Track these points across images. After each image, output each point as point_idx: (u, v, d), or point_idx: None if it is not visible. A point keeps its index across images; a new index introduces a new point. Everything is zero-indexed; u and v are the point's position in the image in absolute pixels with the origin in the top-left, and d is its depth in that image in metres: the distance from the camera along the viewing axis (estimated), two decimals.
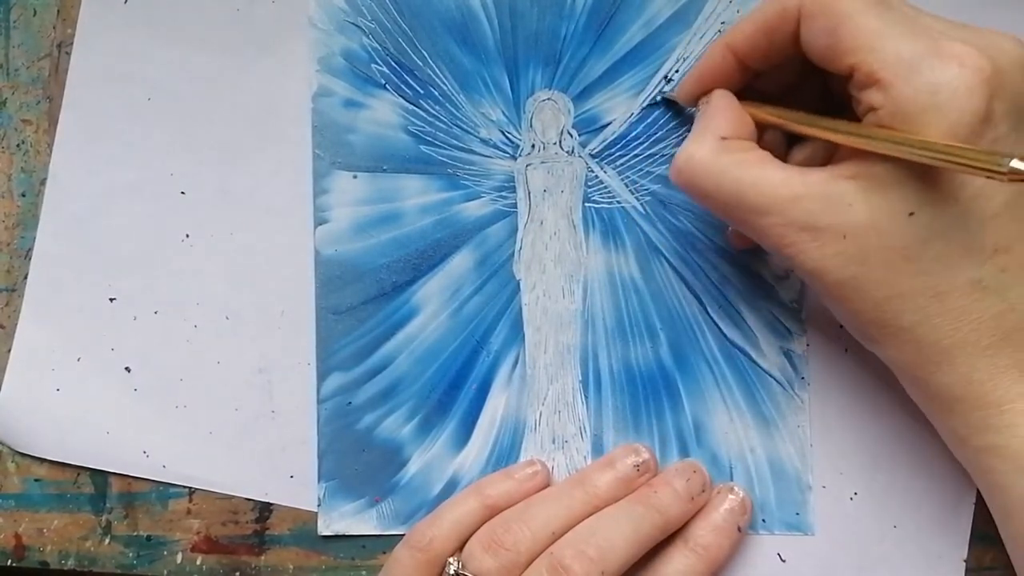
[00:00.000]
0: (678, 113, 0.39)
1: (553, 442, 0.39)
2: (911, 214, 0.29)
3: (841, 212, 0.30)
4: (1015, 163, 0.25)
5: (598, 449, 0.39)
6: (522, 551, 0.34)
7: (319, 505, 0.40)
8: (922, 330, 0.30)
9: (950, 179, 0.29)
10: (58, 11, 0.41)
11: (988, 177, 0.26)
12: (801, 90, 0.35)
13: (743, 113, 0.33)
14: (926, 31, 0.29)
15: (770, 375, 0.39)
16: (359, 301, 0.40)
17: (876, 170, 0.29)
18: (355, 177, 0.40)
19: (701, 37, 0.39)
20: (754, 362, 0.39)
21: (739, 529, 0.37)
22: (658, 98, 0.39)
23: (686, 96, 0.36)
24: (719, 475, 0.38)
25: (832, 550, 0.38)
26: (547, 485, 0.38)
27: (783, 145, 0.35)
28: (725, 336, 0.39)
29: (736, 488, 0.37)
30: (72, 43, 0.41)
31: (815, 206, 0.30)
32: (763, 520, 0.38)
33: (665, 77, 0.39)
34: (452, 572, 0.35)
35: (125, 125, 0.41)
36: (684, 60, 0.39)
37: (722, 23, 0.39)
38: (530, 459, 0.39)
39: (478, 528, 0.36)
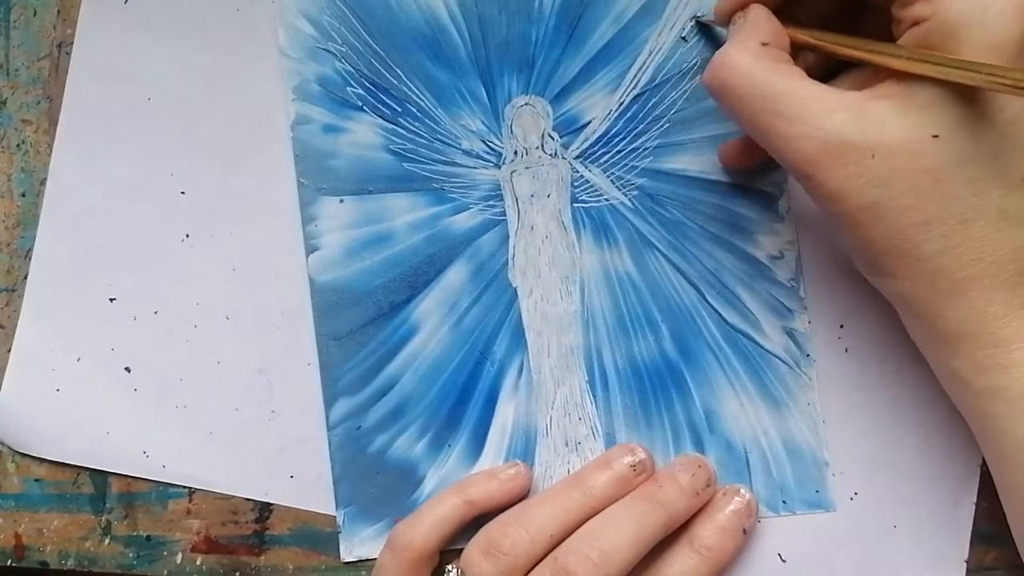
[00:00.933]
0: (711, 40, 0.38)
1: (566, 445, 0.39)
2: (939, 137, 0.28)
3: (874, 129, 0.29)
4: None
5: (611, 447, 0.39)
6: (520, 555, 0.34)
7: (339, 532, 0.40)
8: (942, 260, 0.30)
9: (987, 102, 0.29)
10: (58, 11, 0.42)
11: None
12: (836, 23, 0.34)
13: (780, 28, 0.33)
14: None
15: (775, 356, 0.39)
16: (358, 324, 0.40)
17: (914, 91, 0.29)
18: (342, 201, 0.40)
19: (671, 28, 0.39)
20: (758, 344, 0.39)
21: (744, 532, 0.37)
22: (690, 24, 0.39)
23: (723, 12, 0.35)
24: (734, 461, 0.38)
25: (832, 550, 0.38)
26: (529, 486, 0.38)
27: (818, 74, 0.34)
28: (726, 321, 0.39)
29: (743, 490, 0.37)
30: (72, 43, 0.41)
31: (848, 120, 0.29)
32: (784, 502, 0.38)
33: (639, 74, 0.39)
34: None
35: (125, 125, 0.41)
36: (656, 52, 0.39)
37: (692, 15, 0.39)
38: (513, 461, 0.39)
39: (459, 526, 0.36)
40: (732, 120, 0.33)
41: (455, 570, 0.35)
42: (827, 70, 0.34)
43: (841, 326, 0.39)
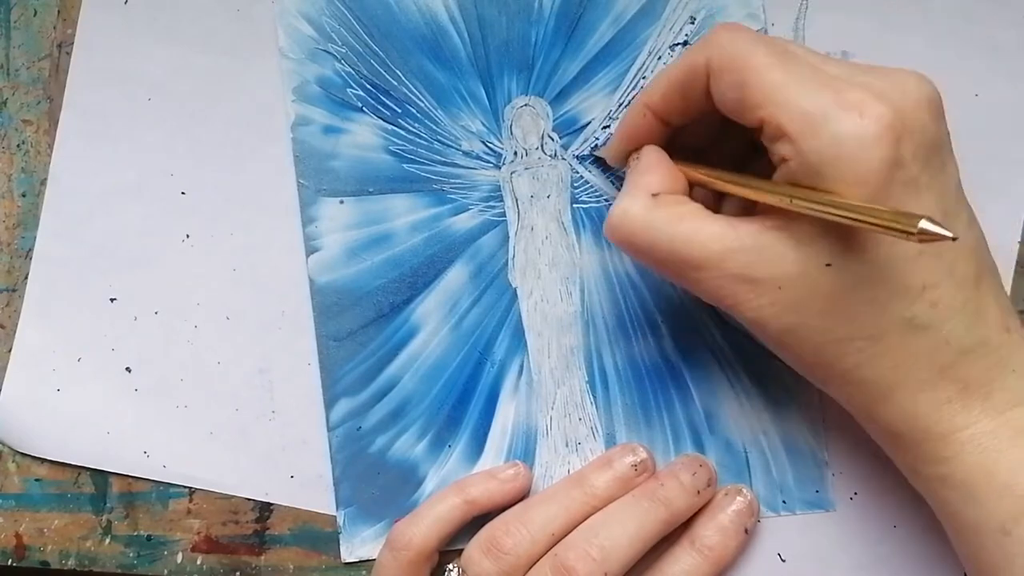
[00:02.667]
0: (608, 171, 0.39)
1: (566, 445, 0.39)
2: (831, 265, 0.29)
3: (774, 263, 0.30)
4: (924, 224, 0.25)
5: (612, 447, 0.39)
6: (521, 554, 0.35)
7: (340, 532, 0.40)
8: (863, 371, 0.31)
9: None
10: (58, 11, 0.42)
11: (899, 237, 0.26)
12: (728, 137, 0.35)
13: (674, 167, 0.34)
14: (830, 81, 0.29)
15: (775, 356, 0.39)
16: (359, 325, 0.40)
17: (802, 221, 0.30)
18: (342, 202, 0.40)
19: (671, 28, 0.39)
20: (758, 344, 0.39)
21: (746, 531, 0.37)
22: (587, 151, 0.39)
23: (615, 156, 0.36)
24: (734, 461, 0.39)
25: (832, 550, 0.38)
26: (529, 486, 0.38)
27: (713, 198, 0.35)
28: (726, 321, 0.39)
29: (744, 490, 0.38)
30: (72, 43, 0.41)
31: (749, 258, 0.30)
32: (783, 502, 0.38)
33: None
34: None
35: (126, 125, 0.41)
36: (656, 53, 0.39)
37: (691, 15, 0.39)
38: (513, 461, 0.39)
39: (459, 526, 0.36)
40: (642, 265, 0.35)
41: (456, 569, 0.36)
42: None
43: None
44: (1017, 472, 0.30)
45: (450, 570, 0.36)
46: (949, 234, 0.25)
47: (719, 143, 0.35)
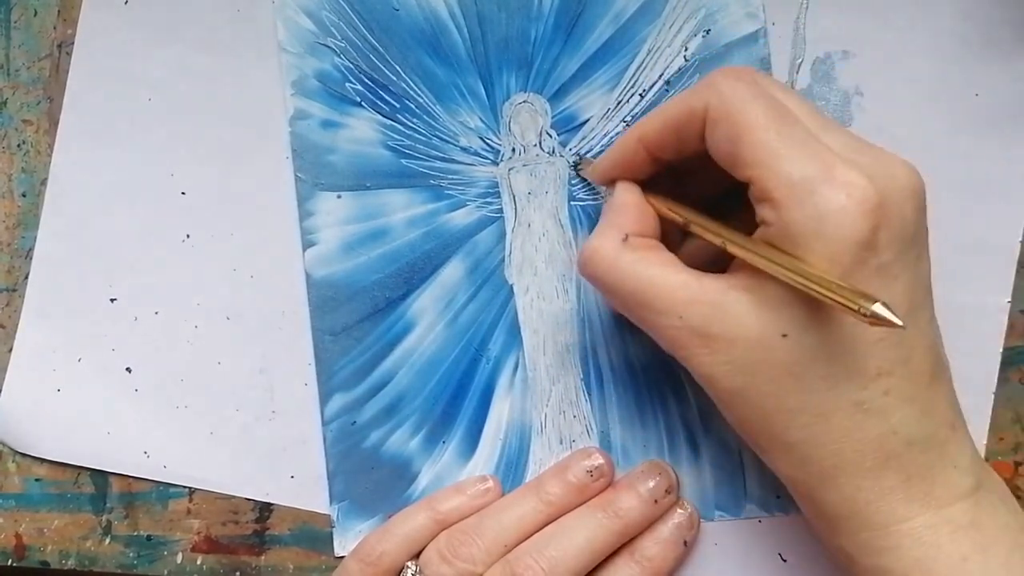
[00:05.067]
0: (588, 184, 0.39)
1: (561, 443, 0.39)
2: (788, 336, 0.29)
3: (732, 323, 0.30)
4: (877, 307, 0.25)
5: (606, 446, 0.39)
6: (477, 563, 0.35)
7: (333, 527, 0.40)
8: (807, 448, 0.30)
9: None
10: (59, 11, 0.42)
11: (853, 315, 0.26)
12: (715, 171, 0.35)
13: (647, 208, 0.34)
14: (822, 154, 0.29)
15: None
16: (354, 320, 0.40)
17: (766, 286, 0.30)
18: (339, 197, 0.40)
19: (671, 27, 0.39)
20: None
21: (685, 543, 0.37)
22: (571, 163, 0.39)
23: (599, 178, 0.36)
24: (729, 460, 0.38)
25: None
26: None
27: (680, 233, 0.35)
28: None
29: (685, 503, 0.38)
30: (73, 43, 0.41)
31: (708, 313, 0.30)
32: (777, 497, 0.38)
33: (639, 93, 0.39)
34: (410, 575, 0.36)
35: (126, 125, 0.41)
36: (655, 51, 0.39)
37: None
38: (482, 475, 0.39)
39: (428, 542, 0.37)
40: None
41: (414, 567, 0.36)
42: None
43: None
44: (954, 570, 0.29)
45: (408, 567, 0.36)
46: (899, 322, 0.25)
47: (705, 172, 0.34)
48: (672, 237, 0.35)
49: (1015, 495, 0.35)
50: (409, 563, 0.36)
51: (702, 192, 0.35)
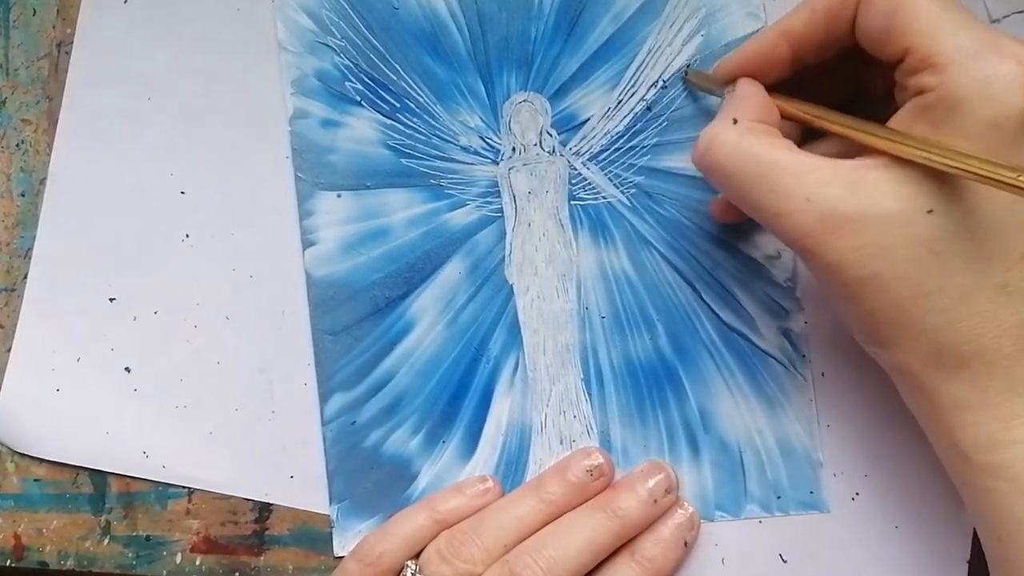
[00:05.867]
0: (692, 97, 0.39)
1: (561, 443, 0.39)
2: (933, 212, 0.28)
3: (869, 202, 0.29)
4: None
5: (606, 446, 0.39)
6: (477, 562, 0.35)
7: (333, 527, 0.40)
8: (943, 333, 0.29)
9: None
10: (58, 11, 0.42)
11: (1009, 190, 0.26)
12: (831, 82, 0.35)
13: (771, 102, 0.33)
14: (986, 28, 0.29)
15: (771, 356, 0.39)
16: (354, 320, 0.40)
17: (906, 166, 0.29)
18: (339, 196, 0.40)
19: (671, 26, 0.39)
20: (753, 344, 0.39)
21: (686, 544, 0.37)
22: (680, 75, 0.39)
23: (722, 76, 0.35)
24: (729, 460, 0.38)
25: (833, 550, 0.38)
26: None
27: (804, 142, 0.34)
28: (722, 321, 0.39)
29: (685, 503, 0.38)
30: (72, 43, 0.41)
31: (842, 193, 0.29)
32: (778, 497, 0.38)
33: (663, 83, 0.39)
34: (409, 575, 0.36)
35: (125, 125, 0.41)
36: (656, 51, 0.39)
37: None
38: (481, 475, 0.39)
39: (427, 542, 0.37)
40: (725, 196, 0.33)
41: (414, 566, 0.36)
42: (813, 134, 0.34)
43: (839, 326, 0.38)
44: None
45: (408, 566, 0.36)
46: None
47: (827, 81, 0.34)
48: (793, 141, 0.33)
49: None
50: (409, 562, 0.36)
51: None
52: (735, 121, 0.31)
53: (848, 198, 0.29)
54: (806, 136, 0.34)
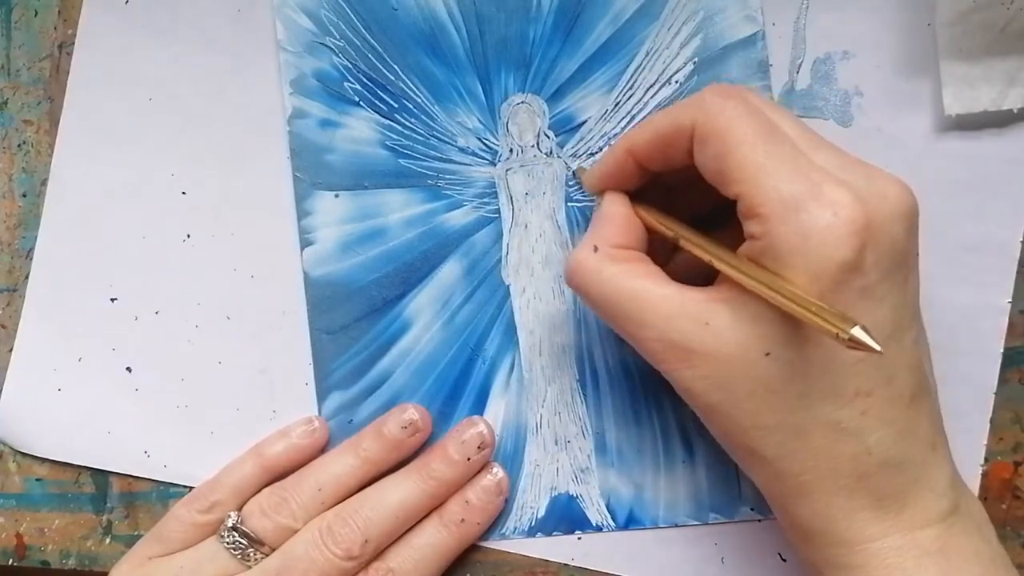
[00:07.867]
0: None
1: (556, 443, 0.39)
2: (770, 354, 0.29)
3: (711, 337, 0.30)
4: (856, 331, 0.25)
5: (601, 447, 0.39)
6: (297, 519, 0.37)
7: None
8: (784, 463, 0.30)
9: None
10: (59, 12, 0.42)
11: (832, 337, 0.26)
12: (706, 185, 0.34)
13: (633, 220, 0.34)
14: (811, 172, 0.29)
15: None
16: (351, 319, 0.40)
17: (750, 303, 0.29)
18: (337, 196, 0.40)
19: (669, 28, 0.39)
20: None
21: (494, 507, 0.38)
22: (572, 171, 0.39)
23: (590, 188, 0.36)
24: (724, 463, 0.38)
25: None
26: (325, 442, 0.40)
27: (669, 247, 0.35)
28: None
29: (495, 468, 0.39)
30: (73, 44, 0.41)
31: (689, 327, 0.30)
32: None
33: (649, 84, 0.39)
34: (230, 525, 0.37)
35: (126, 125, 0.41)
36: (653, 53, 0.39)
37: (689, 15, 0.39)
38: (307, 416, 0.40)
39: (258, 489, 0.38)
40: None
41: (236, 516, 0.37)
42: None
43: None
44: None
45: (230, 517, 0.37)
46: (877, 348, 0.25)
47: (695, 186, 0.34)
48: (661, 250, 0.34)
49: (1014, 495, 0.35)
50: (232, 513, 0.37)
51: (693, 206, 0.35)
52: (596, 248, 0.33)
53: (694, 334, 0.30)
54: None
